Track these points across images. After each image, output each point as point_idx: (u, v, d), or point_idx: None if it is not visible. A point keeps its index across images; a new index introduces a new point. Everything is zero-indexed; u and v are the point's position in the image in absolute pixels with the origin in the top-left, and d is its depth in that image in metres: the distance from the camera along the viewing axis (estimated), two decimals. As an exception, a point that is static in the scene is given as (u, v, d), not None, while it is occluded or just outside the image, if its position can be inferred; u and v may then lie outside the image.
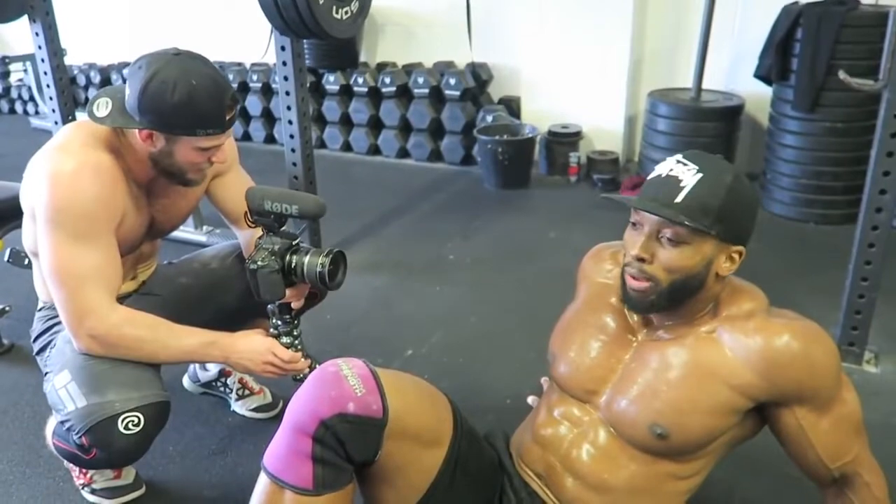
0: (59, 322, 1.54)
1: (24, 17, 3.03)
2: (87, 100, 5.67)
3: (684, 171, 1.15)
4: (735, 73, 3.81)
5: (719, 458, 1.29)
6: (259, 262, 1.46)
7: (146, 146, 1.47)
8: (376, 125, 4.58)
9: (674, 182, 1.15)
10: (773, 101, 3.43)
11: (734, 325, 1.19)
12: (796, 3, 3.22)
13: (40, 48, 3.06)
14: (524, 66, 4.28)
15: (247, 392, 2.06)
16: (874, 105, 2.75)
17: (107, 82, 5.57)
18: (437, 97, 4.35)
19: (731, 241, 1.17)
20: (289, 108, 2.83)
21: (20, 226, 2.44)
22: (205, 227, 3.27)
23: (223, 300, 1.80)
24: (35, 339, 1.70)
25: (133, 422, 1.44)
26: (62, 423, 1.50)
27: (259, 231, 1.54)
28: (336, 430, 1.12)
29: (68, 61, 3.94)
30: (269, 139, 4.96)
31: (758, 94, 3.60)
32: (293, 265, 1.48)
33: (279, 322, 1.57)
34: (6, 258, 2.41)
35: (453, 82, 4.22)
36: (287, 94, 2.80)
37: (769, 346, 1.15)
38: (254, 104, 4.91)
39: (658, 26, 3.99)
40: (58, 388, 1.49)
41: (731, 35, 3.77)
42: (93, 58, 5.71)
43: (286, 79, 2.78)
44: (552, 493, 1.30)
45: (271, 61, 3.02)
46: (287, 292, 1.52)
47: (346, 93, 4.60)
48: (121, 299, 1.71)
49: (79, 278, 1.44)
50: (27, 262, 2.60)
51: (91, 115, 1.46)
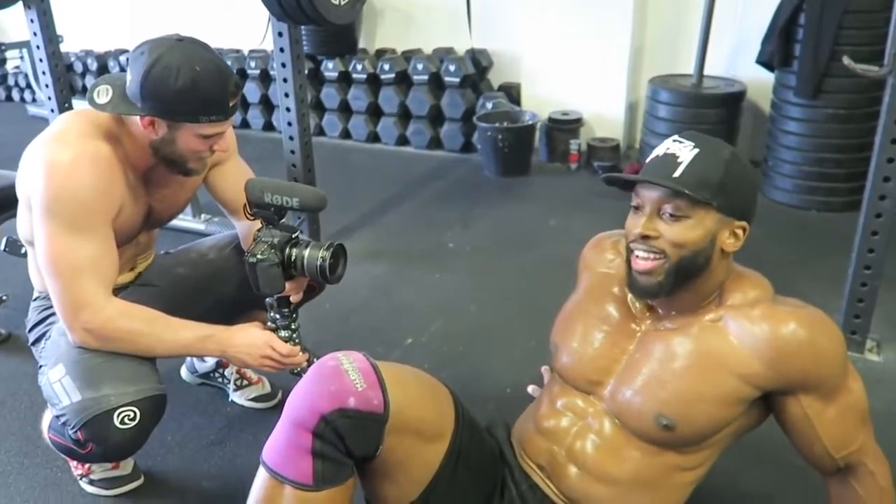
0: (54, 313, 1.52)
1: (20, 4, 3.00)
2: (84, 87, 5.62)
3: (681, 148, 1.16)
4: (737, 59, 3.78)
5: (724, 449, 1.28)
6: (259, 256, 1.44)
7: (147, 133, 1.45)
8: (375, 112, 4.55)
9: (671, 159, 1.16)
10: (776, 88, 3.40)
11: (739, 313, 1.18)
12: (799, -12, 3.19)
13: (36, 35, 3.04)
14: (524, 52, 4.24)
15: (245, 382, 2.05)
16: (878, 91, 2.72)
17: (104, 69, 5.53)
18: (436, 84, 4.32)
19: (733, 216, 1.17)
20: (287, 95, 2.80)
21: (17, 215, 2.43)
22: (203, 216, 3.26)
23: (221, 291, 1.78)
24: (30, 330, 1.69)
25: (129, 416, 1.43)
26: (57, 417, 1.49)
27: (257, 223, 1.52)
28: (336, 425, 1.10)
29: (65, 48, 3.92)
30: (268, 126, 4.93)
31: (760, 81, 3.57)
32: (293, 258, 1.46)
33: (277, 315, 1.55)
34: (2, 247, 2.39)
35: (453, 69, 4.19)
36: (285, 80, 2.78)
37: (775, 335, 1.14)
38: (252, 91, 4.88)
39: (659, 12, 3.95)
40: (52, 382, 1.47)
41: (733, 20, 3.73)
42: (90, 44, 5.66)
43: (284, 65, 2.75)
44: (554, 484, 1.29)
45: (269, 48, 2.99)
46: (286, 286, 1.50)
47: (345, 80, 4.56)
48: (118, 290, 1.70)
49: (74, 270, 1.42)
50: (24, 251, 2.59)
51: (91, 101, 1.44)
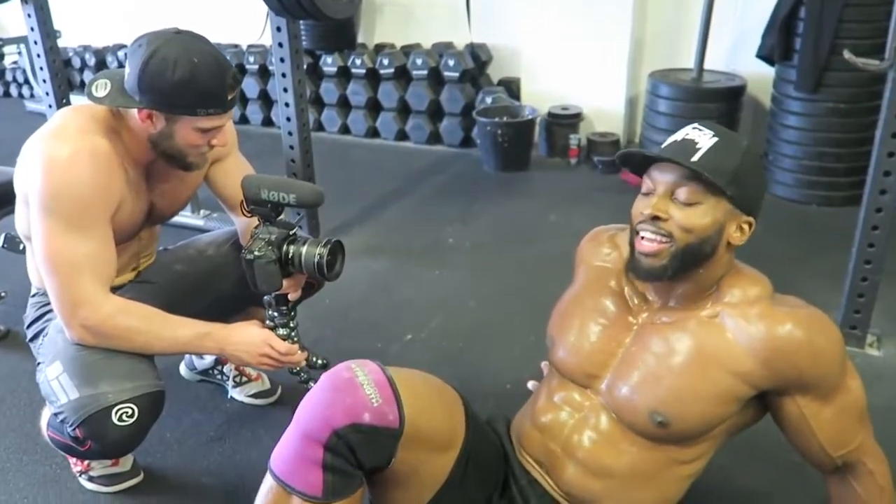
0: (52, 310, 1.52)
1: (17, -1, 3.00)
2: (82, 82, 5.60)
3: (700, 136, 1.17)
4: (737, 54, 3.76)
5: (721, 444, 1.28)
6: (256, 253, 1.43)
7: (146, 127, 1.44)
8: (374, 107, 4.53)
9: (690, 144, 1.16)
10: (776, 82, 3.40)
11: (737, 310, 1.18)
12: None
13: (33, 30, 3.02)
14: (524, 46, 4.23)
15: (244, 379, 2.05)
16: (878, 85, 2.72)
17: (102, 65, 5.51)
18: (435, 79, 4.30)
19: (742, 209, 1.17)
20: (285, 90, 2.79)
21: (13, 212, 2.42)
22: (202, 212, 3.25)
23: (219, 287, 1.78)
24: (28, 326, 1.68)
25: (127, 413, 1.42)
26: (56, 415, 1.49)
27: (255, 220, 1.51)
28: (349, 440, 1.08)
29: (63, 43, 3.91)
30: (267, 122, 4.91)
31: (760, 75, 3.56)
32: (290, 255, 1.46)
33: (275, 314, 1.54)
34: (1, 244, 2.38)
35: (452, 63, 4.17)
36: (283, 76, 2.77)
37: (772, 335, 1.13)
38: (251, 86, 4.86)
39: (659, 6, 3.94)
40: (50, 380, 1.47)
41: (733, 14, 3.72)
42: (88, 40, 5.64)
43: (282, 60, 2.74)
44: (552, 479, 1.29)
45: (268, 43, 2.98)
46: (284, 283, 1.49)
47: (344, 75, 4.55)
48: (116, 289, 1.69)
49: (72, 267, 1.42)
50: (22, 247, 2.58)
51: (90, 95, 1.43)
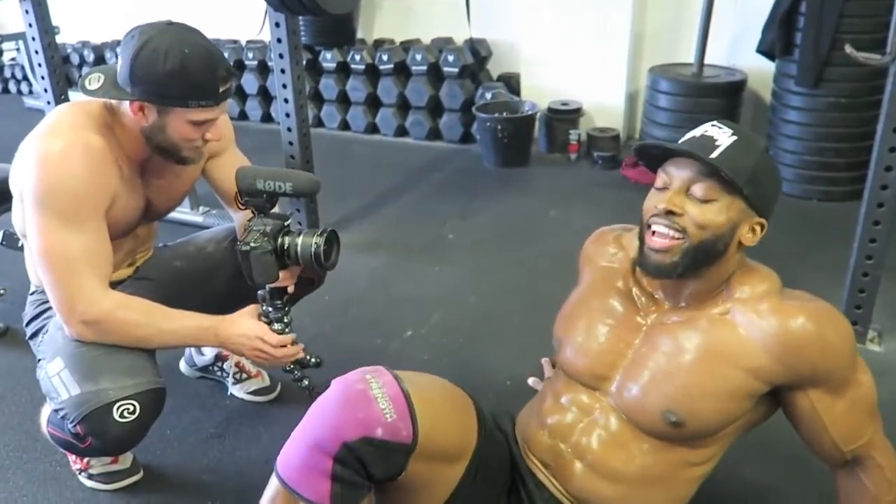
0: (52, 307, 1.51)
1: (15, -5, 2.98)
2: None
3: (719, 133, 1.16)
4: (737, 48, 3.75)
5: (732, 443, 1.27)
6: (251, 244, 1.42)
7: (138, 120, 1.44)
8: (374, 103, 4.53)
9: (709, 141, 1.15)
10: (776, 77, 3.38)
11: (747, 306, 1.17)
12: (800, -24, 3.16)
13: (31, 26, 3.01)
14: (523, 41, 4.21)
15: (244, 376, 2.04)
16: (879, 80, 2.71)
17: (101, 60, 5.49)
18: (435, 74, 4.29)
19: (756, 210, 1.16)
20: (284, 86, 2.78)
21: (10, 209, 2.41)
22: (201, 208, 3.24)
23: (218, 284, 1.77)
24: (27, 324, 1.68)
25: (128, 409, 1.42)
26: (56, 411, 1.48)
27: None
28: (359, 453, 1.06)
29: (61, 39, 3.90)
30: (266, 118, 4.90)
31: (761, 70, 3.55)
32: (286, 247, 1.45)
33: (270, 308, 1.53)
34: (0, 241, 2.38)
35: (452, 59, 4.16)
36: (282, 71, 2.76)
37: (784, 329, 1.13)
38: (250, 82, 4.85)
39: (659, 0, 3.92)
40: (51, 376, 1.46)
41: (733, 9, 3.71)
42: (86, 36, 5.62)
43: (281, 56, 2.73)
44: (560, 483, 1.27)
45: (267, 39, 2.97)
46: (279, 275, 1.49)
47: (343, 70, 4.54)
48: (115, 284, 1.69)
49: (69, 262, 1.41)
50: (21, 244, 2.58)
51: (83, 88, 1.43)
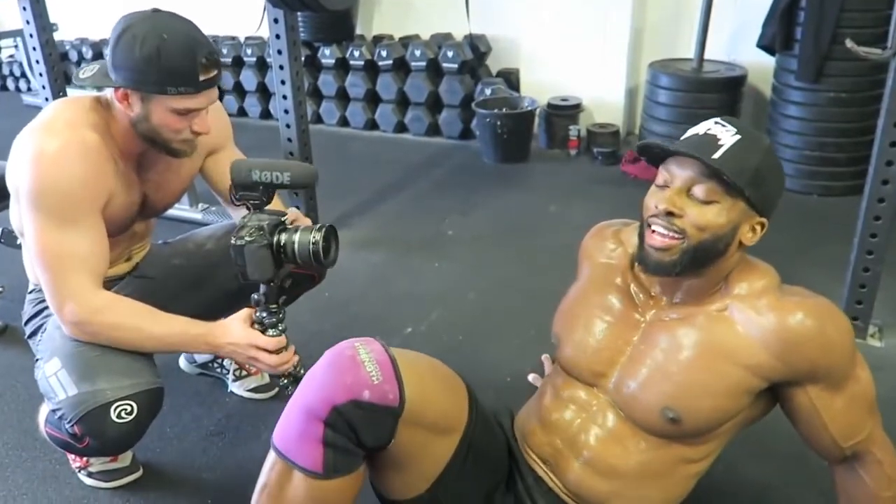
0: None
1: (12, -9, 2.97)
2: (79, 76, 5.59)
3: (723, 131, 1.14)
4: (738, 43, 3.74)
5: (730, 440, 1.26)
6: (247, 238, 1.36)
7: (125, 109, 1.43)
8: (373, 99, 4.51)
9: (712, 140, 1.14)
10: (777, 72, 3.38)
11: (746, 303, 1.16)
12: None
13: (29, 23, 3.01)
14: (523, 37, 4.20)
15: (244, 373, 2.04)
16: (880, 74, 2.71)
17: (99, 57, 5.47)
18: (434, 70, 4.28)
19: (757, 210, 1.15)
20: (283, 82, 2.77)
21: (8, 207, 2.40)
22: (200, 205, 3.24)
23: (218, 282, 1.76)
24: (26, 323, 1.67)
25: (126, 410, 1.41)
26: (54, 411, 1.48)
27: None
28: (349, 417, 1.08)
29: (60, 36, 3.89)
30: (265, 114, 4.89)
31: (761, 65, 3.54)
32: (282, 244, 1.39)
33: (264, 313, 1.46)
34: (-2, 238, 2.38)
35: (451, 55, 4.15)
36: (281, 67, 2.75)
37: (783, 325, 1.12)
38: (248, 79, 4.84)
39: (659, -5, 3.92)
40: (48, 376, 1.46)
41: (733, 4, 3.69)
42: (85, 32, 5.60)
43: (280, 52, 2.72)
44: (558, 478, 1.27)
45: (266, 35, 2.95)
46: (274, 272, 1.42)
47: (342, 66, 4.52)
48: (114, 281, 1.68)
49: (61, 262, 1.41)
50: (19, 242, 2.57)
51: (75, 77, 1.44)
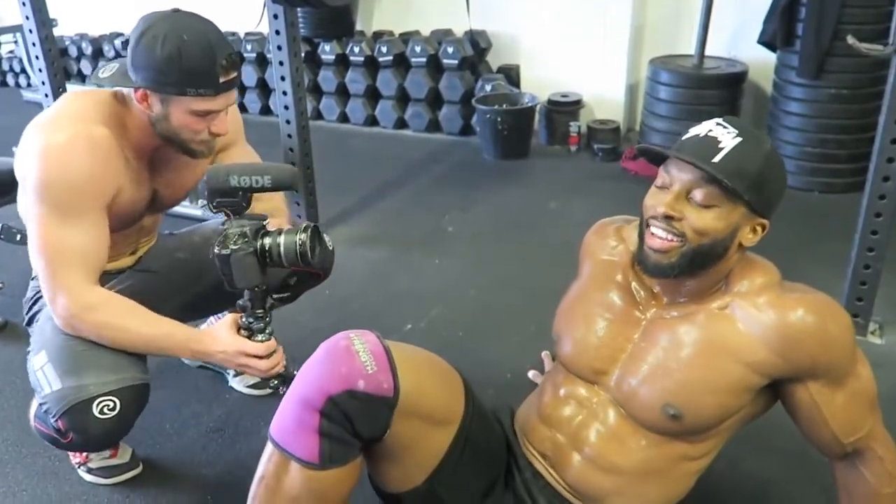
0: None
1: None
2: (79, 71, 5.58)
3: (724, 134, 1.12)
4: (738, 40, 3.73)
5: (730, 437, 1.26)
6: (232, 246, 1.33)
7: (144, 109, 1.42)
8: (373, 95, 4.51)
9: (712, 142, 1.12)
10: (778, 68, 3.37)
11: (747, 300, 1.16)
12: (802, -34, 3.14)
13: (28, 18, 3.00)
14: (523, 33, 4.20)
15: None
16: (881, 71, 2.70)
17: (99, 53, 5.47)
18: (434, 66, 4.27)
19: (758, 212, 1.15)
20: (283, 78, 2.77)
21: (13, 201, 2.40)
22: (200, 201, 3.23)
23: (219, 277, 1.76)
24: (27, 311, 1.68)
25: (108, 406, 1.40)
26: (41, 405, 1.47)
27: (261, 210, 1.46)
28: (344, 407, 1.09)
29: (59, 32, 3.88)
30: (265, 110, 4.88)
31: (762, 61, 3.53)
32: (267, 248, 1.36)
33: (251, 319, 1.43)
34: (-2, 234, 2.37)
35: (451, 51, 4.14)
36: (281, 63, 2.75)
37: (783, 322, 1.12)
38: (249, 75, 4.83)
39: (660, -9, 3.91)
40: (35, 370, 1.46)
41: (734, 0, 3.69)
42: (84, 28, 5.60)
43: (280, 48, 2.72)
44: (557, 474, 1.28)
45: (266, 30, 2.95)
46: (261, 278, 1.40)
47: (343, 62, 4.51)
48: (116, 274, 1.68)
49: (60, 255, 1.40)
50: (19, 237, 2.58)
51: (96, 77, 1.43)
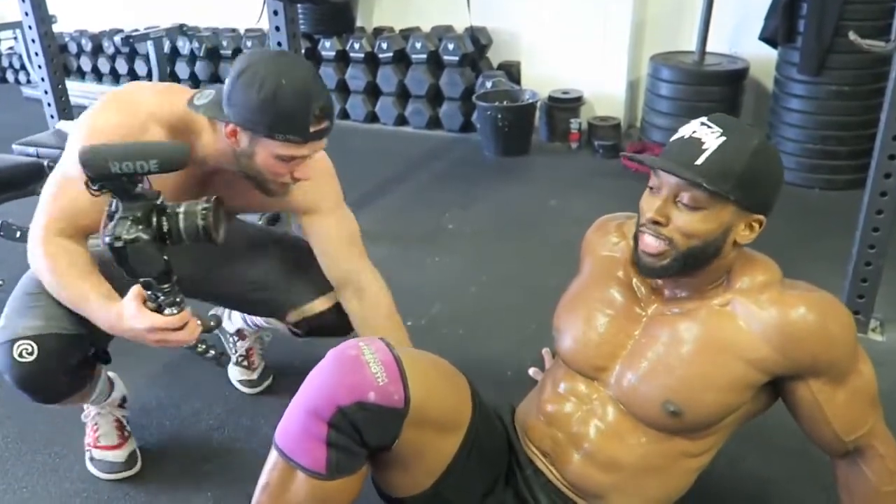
0: None
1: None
2: (78, 68, 5.58)
3: (707, 134, 1.12)
4: (740, 36, 3.73)
5: (730, 434, 1.26)
6: (125, 237, 1.19)
7: (231, 143, 1.38)
8: (373, 92, 4.50)
9: (695, 144, 1.11)
10: (779, 64, 3.36)
11: (748, 297, 1.16)
12: (804, -37, 3.13)
13: (27, 15, 2.99)
14: (524, 30, 4.19)
15: (245, 363, 2.04)
16: (883, 67, 2.69)
17: (98, 49, 5.48)
18: (435, 63, 4.26)
19: (751, 209, 1.14)
20: (283, 74, 2.76)
21: (13, 197, 2.41)
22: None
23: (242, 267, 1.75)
24: None
25: (27, 350, 1.40)
26: None
27: (357, 264, 1.58)
28: (353, 418, 1.07)
29: (59, 28, 3.86)
30: (265, 107, 4.88)
31: (763, 57, 3.52)
32: (164, 228, 1.22)
33: (159, 294, 1.29)
34: (-3, 231, 2.37)
35: (451, 47, 4.14)
36: (281, 60, 2.74)
37: (785, 319, 1.12)
38: (249, 71, 4.82)
39: (661, -12, 3.90)
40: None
41: (735, -4, 3.69)
42: (84, 24, 5.60)
43: (280, 45, 2.71)
44: (557, 471, 1.28)
45: (266, 27, 2.94)
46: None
47: (343, 59, 4.51)
48: None
49: (60, 199, 1.39)
50: (19, 234, 2.58)
51: (191, 103, 1.39)
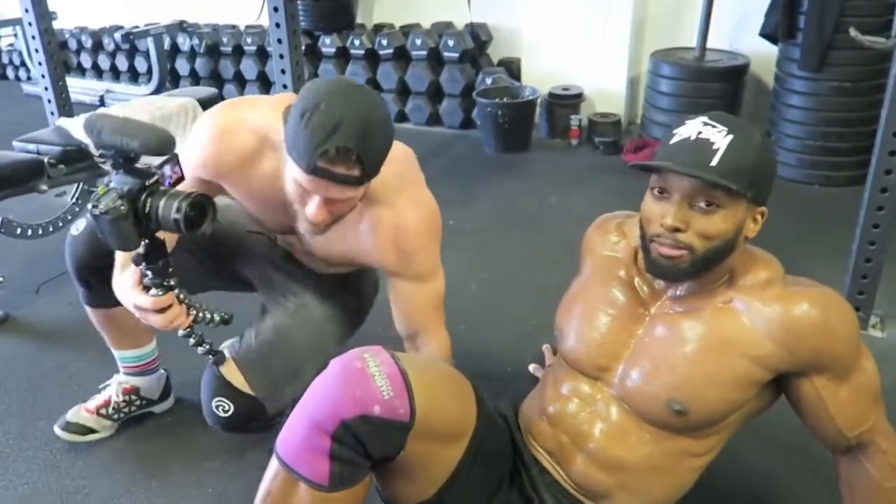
0: None
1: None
2: (79, 65, 5.56)
3: (714, 133, 1.10)
4: (740, 32, 3.72)
5: (734, 433, 1.26)
6: (101, 207, 1.19)
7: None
8: (374, 88, 4.49)
9: (706, 145, 1.10)
10: (779, 61, 3.36)
11: (751, 294, 1.16)
12: (804, -41, 3.12)
13: (27, 11, 2.99)
14: (524, 26, 4.18)
15: None
16: (883, 64, 2.69)
17: (98, 46, 5.46)
18: (435, 59, 4.26)
19: (758, 204, 1.15)
20: (283, 71, 2.76)
21: (13, 194, 2.41)
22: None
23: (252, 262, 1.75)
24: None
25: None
26: None
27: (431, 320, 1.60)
28: (357, 431, 1.05)
29: (59, 25, 3.87)
30: (266, 104, 4.88)
31: (763, 54, 3.52)
32: (147, 210, 1.21)
33: (148, 272, 1.31)
34: (-2, 228, 2.38)
35: (452, 44, 4.13)
36: (281, 57, 2.73)
37: (788, 316, 1.12)
38: (249, 68, 4.82)
39: (661, -16, 3.90)
40: None
41: (736, -8, 3.68)
42: (84, 21, 5.59)
43: (280, 41, 2.71)
44: (563, 470, 1.27)
45: (266, 23, 2.94)
46: (149, 239, 1.28)
47: (343, 56, 4.51)
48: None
49: None
50: (19, 231, 2.59)
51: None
